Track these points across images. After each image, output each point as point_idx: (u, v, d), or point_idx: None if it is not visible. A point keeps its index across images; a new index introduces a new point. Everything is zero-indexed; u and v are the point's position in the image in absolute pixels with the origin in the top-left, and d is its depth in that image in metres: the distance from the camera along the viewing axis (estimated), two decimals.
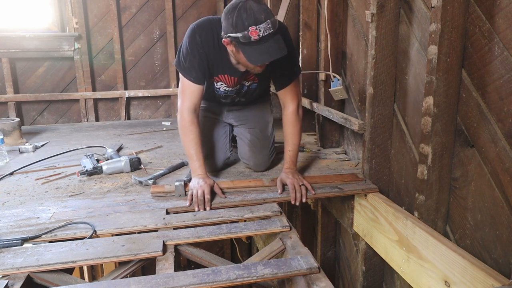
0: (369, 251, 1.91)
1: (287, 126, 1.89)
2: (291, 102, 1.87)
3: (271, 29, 1.50)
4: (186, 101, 1.78)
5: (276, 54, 1.56)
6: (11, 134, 2.60)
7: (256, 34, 1.49)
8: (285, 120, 1.89)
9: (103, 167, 2.03)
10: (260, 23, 1.48)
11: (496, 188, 1.24)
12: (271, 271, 1.19)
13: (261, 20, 1.48)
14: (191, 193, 1.66)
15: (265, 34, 1.50)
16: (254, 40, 1.50)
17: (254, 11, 1.48)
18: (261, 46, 1.52)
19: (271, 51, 1.54)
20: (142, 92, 3.54)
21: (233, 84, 1.89)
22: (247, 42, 1.52)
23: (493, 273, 1.17)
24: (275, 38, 1.54)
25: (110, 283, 1.16)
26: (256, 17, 1.48)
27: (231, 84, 1.88)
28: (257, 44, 1.52)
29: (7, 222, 1.52)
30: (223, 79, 1.86)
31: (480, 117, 1.29)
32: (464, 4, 1.30)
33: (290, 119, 1.88)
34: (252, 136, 2.08)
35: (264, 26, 1.49)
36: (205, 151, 2.03)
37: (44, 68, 3.35)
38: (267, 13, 1.50)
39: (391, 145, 1.82)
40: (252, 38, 1.50)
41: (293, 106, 1.87)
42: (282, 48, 1.56)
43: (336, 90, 2.26)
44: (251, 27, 1.48)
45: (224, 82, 1.88)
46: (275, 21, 1.54)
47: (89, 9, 3.34)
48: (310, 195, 1.76)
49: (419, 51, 1.56)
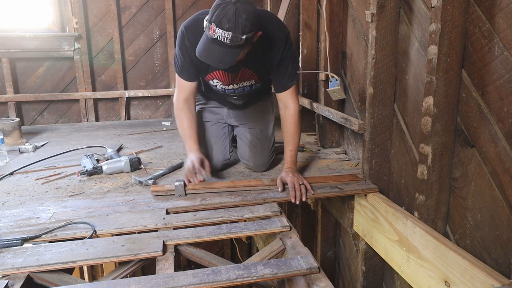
0: (369, 251, 1.91)
1: (289, 126, 1.90)
2: (292, 103, 1.89)
3: (227, 40, 1.50)
4: (180, 94, 1.92)
5: (212, 61, 1.59)
6: (11, 134, 2.60)
7: (213, 33, 1.50)
8: (286, 120, 1.90)
9: (103, 167, 2.03)
10: (221, 27, 1.48)
11: (496, 188, 1.24)
12: (271, 271, 1.19)
13: (223, 27, 1.48)
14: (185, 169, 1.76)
15: (218, 38, 1.50)
16: (208, 35, 1.53)
17: (226, 15, 1.48)
18: (209, 44, 1.54)
19: (211, 56, 1.56)
20: (142, 92, 3.54)
21: (229, 81, 1.88)
22: (205, 33, 1.55)
23: (493, 273, 1.17)
24: (226, 50, 1.53)
25: (110, 283, 1.16)
26: (222, 21, 1.48)
27: (226, 81, 1.88)
28: (208, 40, 1.54)
29: (7, 222, 1.52)
30: (217, 75, 1.87)
31: (480, 117, 1.29)
32: (464, 4, 1.30)
33: (292, 119, 1.89)
34: (253, 136, 2.08)
35: (222, 33, 1.49)
36: (204, 152, 2.03)
37: (44, 68, 3.35)
38: (235, 26, 1.48)
39: (391, 145, 1.82)
40: (209, 33, 1.52)
41: (294, 107, 1.89)
42: (224, 61, 1.57)
43: (334, 90, 2.26)
44: (213, 23, 1.49)
45: (218, 79, 1.89)
46: (238, 39, 1.50)
47: (89, 9, 3.34)
48: (309, 194, 1.76)
49: (419, 51, 1.56)
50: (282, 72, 1.84)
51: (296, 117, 1.90)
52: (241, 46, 1.54)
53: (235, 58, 1.58)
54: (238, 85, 1.92)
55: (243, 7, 1.48)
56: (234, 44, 1.51)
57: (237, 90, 1.95)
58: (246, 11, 1.49)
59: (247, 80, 1.91)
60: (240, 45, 1.53)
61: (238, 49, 1.55)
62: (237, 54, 1.56)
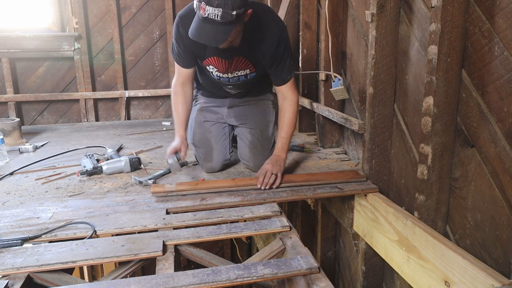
0: (369, 251, 1.91)
1: (287, 114, 1.94)
2: (292, 94, 1.93)
3: (217, 17, 1.50)
4: (178, 78, 2.00)
5: (206, 40, 1.60)
6: (11, 134, 2.60)
7: (203, 12, 1.51)
8: (284, 109, 1.94)
9: (103, 167, 2.03)
10: (210, 5, 1.49)
11: (496, 188, 1.24)
12: (271, 271, 1.19)
13: (212, 4, 1.49)
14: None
15: (209, 17, 1.51)
16: (199, 15, 1.53)
17: None
18: (201, 24, 1.55)
19: (203, 34, 1.57)
20: (142, 92, 3.54)
21: (225, 69, 1.90)
22: (196, 13, 1.56)
23: (493, 273, 1.17)
24: (218, 28, 1.54)
25: (110, 283, 1.16)
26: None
27: (222, 68, 1.90)
28: (199, 20, 1.55)
29: (7, 222, 1.52)
30: (212, 62, 1.90)
31: (480, 117, 1.29)
32: (464, 4, 1.30)
33: (291, 108, 1.93)
34: (253, 137, 2.08)
35: (212, 10, 1.49)
36: (204, 152, 2.03)
37: (44, 68, 3.35)
38: (225, 3, 1.49)
39: (391, 145, 1.82)
40: (199, 12, 1.53)
41: (294, 98, 1.94)
42: (216, 39, 1.58)
43: (337, 90, 2.26)
44: (203, 2, 1.50)
45: (214, 65, 1.91)
46: (228, 15, 1.51)
47: (89, 9, 3.34)
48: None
49: (419, 51, 1.56)
50: (281, 67, 1.87)
51: (294, 107, 1.94)
52: (232, 22, 1.55)
53: (228, 35, 1.58)
54: (233, 74, 1.94)
55: None
56: (225, 20, 1.52)
57: (232, 79, 1.97)
58: None
59: (242, 69, 1.92)
60: (231, 21, 1.54)
61: (230, 26, 1.56)
62: (229, 31, 1.57)
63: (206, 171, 2.06)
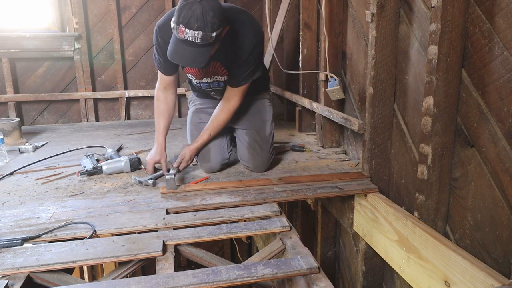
0: (369, 251, 1.91)
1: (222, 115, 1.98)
2: (237, 100, 1.97)
3: (197, 39, 1.53)
4: (160, 84, 2.05)
5: (186, 63, 1.65)
6: (11, 134, 2.60)
7: (182, 34, 1.53)
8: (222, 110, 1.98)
9: (103, 167, 2.03)
10: (190, 28, 1.51)
11: (496, 188, 1.24)
12: (271, 271, 1.19)
13: (192, 27, 1.51)
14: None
15: (189, 39, 1.53)
16: (178, 37, 1.55)
17: (194, 15, 1.50)
18: (181, 46, 1.57)
19: (183, 57, 1.60)
20: (142, 92, 3.53)
21: (201, 76, 1.94)
22: (174, 34, 1.57)
23: (493, 273, 1.17)
24: (198, 49, 1.56)
25: (110, 283, 1.16)
26: (190, 22, 1.50)
27: (198, 76, 1.94)
28: (179, 42, 1.56)
29: (7, 222, 1.52)
30: (190, 70, 1.94)
31: (480, 117, 1.29)
32: (464, 4, 1.30)
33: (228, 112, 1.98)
34: (250, 138, 2.07)
35: (192, 33, 1.52)
36: (202, 153, 2.04)
37: (44, 68, 3.35)
38: (204, 25, 1.51)
39: (391, 145, 1.82)
40: (178, 35, 1.54)
41: (236, 104, 1.97)
42: (197, 60, 1.60)
43: (333, 90, 2.26)
44: (182, 25, 1.51)
45: (191, 74, 1.95)
46: (208, 37, 1.54)
47: (89, 9, 3.34)
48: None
49: (419, 51, 1.56)
50: (242, 70, 1.88)
51: (231, 112, 1.99)
52: (212, 43, 1.57)
53: (208, 56, 1.61)
54: (211, 78, 1.95)
55: (209, 4, 1.52)
56: (205, 42, 1.54)
57: (212, 84, 1.99)
58: (213, 8, 1.52)
59: (220, 75, 1.94)
60: (211, 42, 1.56)
61: (210, 47, 1.59)
62: (208, 51, 1.60)
63: (205, 171, 2.06)
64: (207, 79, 1.96)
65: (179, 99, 3.57)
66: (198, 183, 1.87)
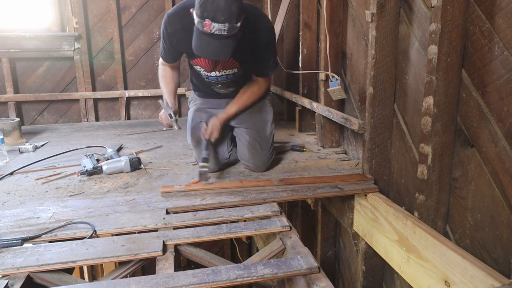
0: (369, 251, 1.91)
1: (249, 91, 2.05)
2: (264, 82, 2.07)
3: (224, 32, 1.54)
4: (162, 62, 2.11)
5: (214, 56, 1.66)
6: (11, 134, 2.60)
7: (209, 28, 1.53)
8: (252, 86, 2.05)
9: (103, 167, 2.03)
10: (216, 22, 1.51)
11: (496, 188, 1.24)
12: (271, 271, 1.19)
13: (218, 20, 1.51)
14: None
15: (215, 32, 1.53)
16: (203, 31, 1.55)
17: (218, 8, 1.50)
18: (207, 39, 1.57)
19: (210, 50, 1.61)
20: (142, 92, 3.53)
21: (211, 67, 1.93)
22: (198, 29, 1.57)
23: (493, 273, 1.17)
24: (224, 41, 1.57)
25: (110, 283, 1.16)
26: (216, 15, 1.50)
27: (208, 67, 1.93)
28: (205, 36, 1.57)
29: (7, 222, 1.52)
30: (199, 62, 1.93)
31: (480, 117, 1.29)
32: (464, 4, 1.30)
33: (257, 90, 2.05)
34: (251, 138, 2.07)
35: (219, 26, 1.52)
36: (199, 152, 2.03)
37: (44, 68, 3.35)
38: (230, 16, 1.52)
39: (391, 145, 1.82)
40: (204, 29, 1.54)
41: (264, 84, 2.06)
42: (224, 53, 1.62)
43: (334, 90, 2.26)
44: (207, 19, 1.51)
45: (201, 65, 1.95)
46: (234, 28, 1.56)
47: (89, 9, 3.34)
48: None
49: (419, 51, 1.56)
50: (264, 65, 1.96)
51: (260, 90, 2.06)
52: (236, 34, 1.59)
53: (232, 47, 1.62)
54: (220, 72, 1.96)
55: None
56: (231, 34, 1.56)
57: (220, 77, 1.99)
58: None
59: (230, 68, 1.95)
60: (236, 33, 1.58)
61: (235, 38, 1.60)
62: (234, 42, 1.61)
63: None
64: (215, 73, 1.96)
65: (179, 99, 3.57)
66: (198, 183, 1.87)
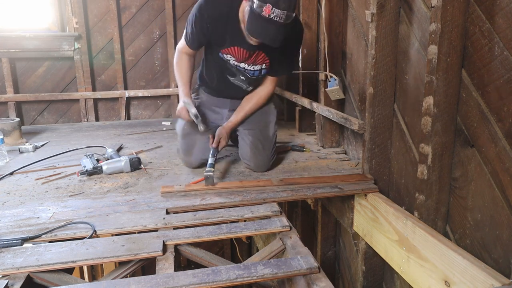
0: (369, 251, 1.91)
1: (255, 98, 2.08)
2: (271, 86, 2.09)
3: (281, 19, 1.57)
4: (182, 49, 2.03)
5: (269, 40, 1.65)
6: (11, 134, 2.60)
7: (268, 13, 1.56)
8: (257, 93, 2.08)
9: (103, 167, 2.03)
10: (278, 7, 1.55)
11: (496, 188, 1.24)
12: (271, 271, 1.19)
13: (280, 7, 1.55)
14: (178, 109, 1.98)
15: (274, 18, 1.56)
16: (263, 16, 1.57)
17: None
18: (264, 24, 1.59)
19: (266, 34, 1.62)
20: (142, 92, 3.53)
21: (243, 58, 1.94)
22: (256, 12, 1.58)
23: (493, 273, 1.17)
24: (280, 28, 1.60)
25: (110, 283, 1.16)
26: (279, 2, 1.54)
27: (240, 57, 1.94)
28: (262, 20, 1.58)
29: (7, 222, 1.52)
30: (232, 51, 1.93)
31: (480, 117, 1.29)
32: (464, 4, 1.30)
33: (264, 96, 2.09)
34: (254, 137, 2.08)
35: (279, 12, 1.56)
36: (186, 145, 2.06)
37: (44, 68, 3.35)
38: (289, 5, 1.56)
39: (391, 145, 1.82)
40: (262, 13, 1.57)
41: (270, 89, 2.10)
42: (277, 39, 1.64)
43: (332, 90, 2.26)
44: (268, 4, 1.54)
45: (232, 55, 1.94)
46: (291, 16, 1.60)
47: (89, 9, 3.34)
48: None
49: (419, 51, 1.56)
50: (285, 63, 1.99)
51: (265, 97, 2.09)
52: (289, 24, 1.62)
53: (283, 35, 1.65)
54: (249, 66, 1.97)
55: None
56: (287, 21, 1.59)
57: (247, 71, 2.00)
58: None
59: (259, 64, 1.97)
60: (290, 22, 1.61)
61: (288, 27, 1.63)
62: (285, 31, 1.64)
63: (184, 164, 2.12)
64: (244, 65, 1.97)
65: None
66: (198, 183, 1.87)
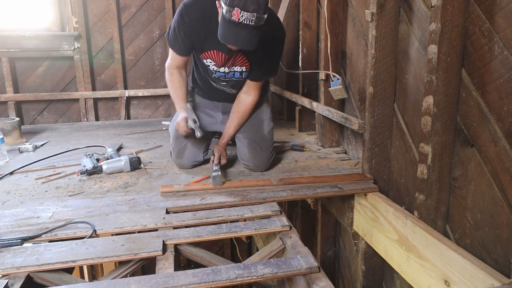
0: (369, 250, 1.91)
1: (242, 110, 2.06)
2: (255, 94, 2.04)
3: (252, 22, 1.54)
4: (173, 62, 2.02)
5: (242, 45, 1.63)
6: (11, 133, 2.60)
7: (237, 17, 1.53)
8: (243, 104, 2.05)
9: (103, 166, 2.03)
10: (246, 10, 1.52)
11: (496, 187, 1.24)
12: (271, 270, 1.19)
13: (248, 9, 1.51)
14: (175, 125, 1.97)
15: (244, 22, 1.53)
16: (233, 20, 1.54)
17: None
18: (234, 28, 1.56)
19: (238, 39, 1.60)
20: (142, 91, 3.53)
21: (222, 62, 1.92)
22: (226, 18, 1.56)
23: (493, 272, 1.17)
24: (252, 31, 1.57)
25: (110, 282, 1.16)
26: (246, 4, 1.51)
27: (219, 61, 1.93)
28: (233, 25, 1.56)
29: (7, 222, 1.52)
30: (211, 55, 1.92)
31: (480, 116, 1.29)
32: (464, 4, 1.30)
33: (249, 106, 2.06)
34: (250, 139, 2.08)
35: (247, 15, 1.52)
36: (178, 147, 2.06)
37: (44, 67, 3.35)
38: (258, 7, 1.53)
39: (391, 144, 1.82)
40: (232, 18, 1.54)
41: (255, 98, 2.05)
42: (251, 43, 1.61)
43: (336, 90, 2.26)
44: (236, 8, 1.52)
45: (212, 59, 1.93)
46: (262, 18, 1.56)
47: (89, 8, 3.34)
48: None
49: (419, 50, 1.56)
50: (265, 66, 1.95)
51: (251, 106, 2.07)
52: (263, 26, 1.60)
53: (258, 38, 1.62)
54: (229, 69, 1.96)
55: None
56: (258, 24, 1.56)
57: (228, 74, 1.99)
58: None
59: (239, 65, 1.95)
60: (262, 25, 1.59)
61: (261, 29, 1.60)
62: (259, 34, 1.61)
63: (176, 166, 2.12)
64: (224, 69, 1.96)
65: None
66: (198, 182, 1.87)
